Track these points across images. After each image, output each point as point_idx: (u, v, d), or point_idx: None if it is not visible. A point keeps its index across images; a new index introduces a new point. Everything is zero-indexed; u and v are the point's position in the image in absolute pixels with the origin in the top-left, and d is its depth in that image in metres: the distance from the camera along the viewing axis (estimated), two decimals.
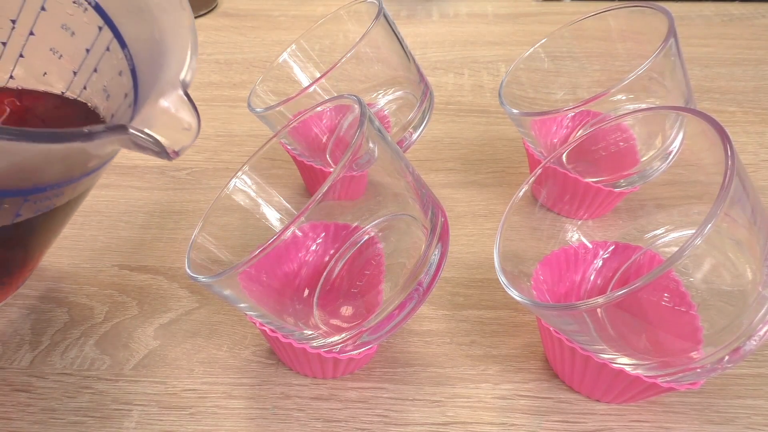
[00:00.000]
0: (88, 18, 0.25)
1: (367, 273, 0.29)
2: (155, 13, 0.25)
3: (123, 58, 0.26)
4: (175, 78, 0.23)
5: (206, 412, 0.27)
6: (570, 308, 0.22)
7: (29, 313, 0.33)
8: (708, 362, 0.23)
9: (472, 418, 0.27)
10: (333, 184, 0.21)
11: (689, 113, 0.24)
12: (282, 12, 0.67)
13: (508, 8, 0.66)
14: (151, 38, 0.25)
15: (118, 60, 0.26)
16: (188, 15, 0.25)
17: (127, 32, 0.25)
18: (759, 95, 0.49)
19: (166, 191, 0.41)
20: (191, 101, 0.23)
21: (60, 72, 0.27)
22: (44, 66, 0.27)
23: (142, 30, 0.25)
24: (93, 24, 0.25)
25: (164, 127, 0.22)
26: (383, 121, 0.40)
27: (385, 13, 0.35)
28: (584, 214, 0.32)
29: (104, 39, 0.26)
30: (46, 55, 0.27)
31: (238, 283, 0.23)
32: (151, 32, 0.25)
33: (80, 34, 0.26)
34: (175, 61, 0.24)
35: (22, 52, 0.26)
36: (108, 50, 0.26)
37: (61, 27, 0.26)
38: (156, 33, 0.25)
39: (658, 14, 0.33)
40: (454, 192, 0.40)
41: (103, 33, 0.25)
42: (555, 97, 0.41)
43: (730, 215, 0.20)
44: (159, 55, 0.25)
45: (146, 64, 0.25)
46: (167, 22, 0.25)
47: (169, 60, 0.24)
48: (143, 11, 0.25)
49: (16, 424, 0.27)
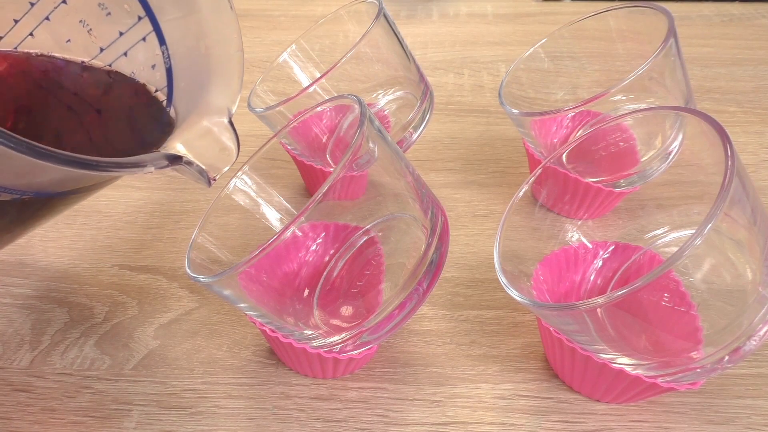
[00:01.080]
0: (130, 6, 0.25)
1: (367, 273, 0.29)
2: (204, 26, 0.25)
3: (159, 55, 0.26)
4: (223, 106, 0.24)
5: (206, 412, 0.27)
6: (570, 308, 0.22)
7: (29, 313, 0.33)
8: (708, 362, 0.23)
9: (472, 418, 0.27)
10: (333, 184, 0.21)
11: (689, 113, 0.24)
12: (282, 12, 0.67)
13: (508, 8, 0.67)
14: (195, 49, 0.25)
15: (153, 54, 0.26)
16: (238, 37, 0.25)
17: (170, 33, 0.25)
18: (759, 95, 0.49)
19: (166, 191, 0.41)
20: (235, 130, 0.24)
21: (85, 44, 0.26)
22: (69, 34, 0.26)
23: (187, 37, 0.25)
24: (133, 12, 0.25)
25: (205, 150, 0.23)
26: (383, 121, 0.40)
27: (385, 13, 0.35)
28: (584, 214, 0.32)
29: (142, 29, 0.25)
30: (75, 25, 0.26)
31: (238, 283, 0.23)
32: (197, 43, 0.25)
33: (117, 17, 0.26)
34: (222, 86, 0.25)
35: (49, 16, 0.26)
36: (144, 41, 0.26)
37: (98, 5, 0.26)
38: (203, 46, 0.25)
39: (658, 14, 0.33)
40: (454, 192, 0.40)
41: (143, 23, 0.25)
42: (555, 97, 0.41)
43: (730, 215, 0.20)
44: (204, 71, 0.25)
45: (187, 71, 0.26)
46: (216, 38, 0.25)
47: (215, 81, 0.25)
48: (191, 19, 0.25)
49: (16, 424, 0.27)
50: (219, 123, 0.24)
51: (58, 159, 0.17)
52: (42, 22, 0.25)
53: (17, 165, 0.17)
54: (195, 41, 0.25)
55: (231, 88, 0.25)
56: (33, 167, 0.17)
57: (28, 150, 0.16)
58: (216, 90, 0.25)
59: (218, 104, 0.25)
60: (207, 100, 0.25)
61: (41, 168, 0.17)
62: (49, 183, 0.20)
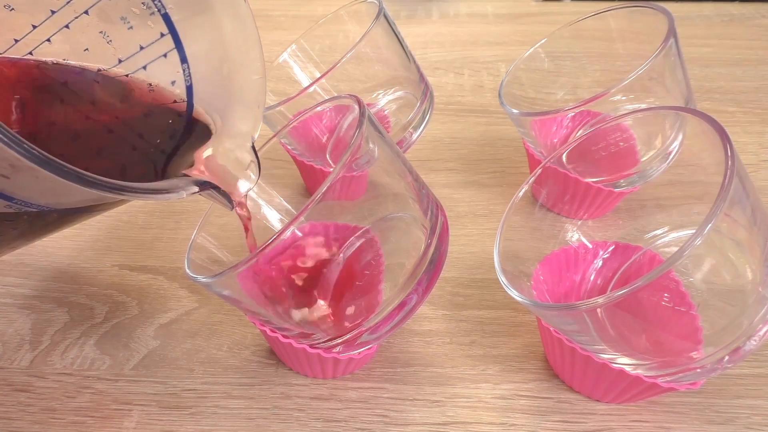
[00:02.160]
0: (153, 22, 0.25)
1: (366, 273, 0.29)
2: (230, 49, 0.25)
3: (180, 72, 0.26)
4: (246, 131, 0.25)
5: (206, 412, 0.27)
6: (570, 308, 0.22)
7: (29, 313, 0.33)
8: (708, 362, 0.23)
9: (472, 418, 0.27)
10: (332, 184, 0.21)
11: (689, 113, 0.24)
12: (282, 12, 0.67)
13: (508, 8, 0.67)
14: (218, 70, 0.26)
15: (173, 71, 0.26)
16: (262, 64, 0.26)
17: (193, 52, 0.26)
18: (759, 95, 0.49)
19: None
20: (257, 155, 0.25)
21: (103, 54, 0.26)
22: (88, 43, 0.26)
23: (211, 59, 0.26)
24: (156, 29, 0.25)
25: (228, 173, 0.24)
26: (383, 121, 0.40)
27: (386, 13, 0.35)
28: (584, 214, 0.32)
29: (163, 46, 0.26)
30: (95, 35, 0.26)
31: (237, 284, 0.23)
32: (220, 65, 0.26)
33: (139, 32, 0.26)
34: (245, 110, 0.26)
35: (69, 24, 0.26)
36: (164, 57, 0.26)
37: (121, 18, 0.26)
38: (225, 69, 0.25)
39: (658, 14, 0.33)
40: (454, 192, 0.40)
41: (164, 40, 0.25)
42: (555, 97, 0.41)
43: (730, 215, 0.20)
44: (226, 93, 0.26)
45: (207, 91, 0.26)
46: (240, 63, 0.25)
47: (237, 104, 0.26)
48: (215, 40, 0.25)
49: (16, 424, 0.27)
50: (242, 146, 0.25)
51: (103, 187, 0.17)
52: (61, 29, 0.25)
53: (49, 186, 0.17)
54: (218, 63, 0.26)
55: (253, 114, 0.26)
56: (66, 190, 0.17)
57: (77, 179, 0.16)
58: (238, 113, 0.26)
59: (241, 128, 0.25)
60: (229, 122, 0.25)
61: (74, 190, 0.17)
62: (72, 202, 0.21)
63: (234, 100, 0.26)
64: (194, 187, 0.22)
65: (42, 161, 0.15)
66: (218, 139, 0.25)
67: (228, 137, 0.25)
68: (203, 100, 0.26)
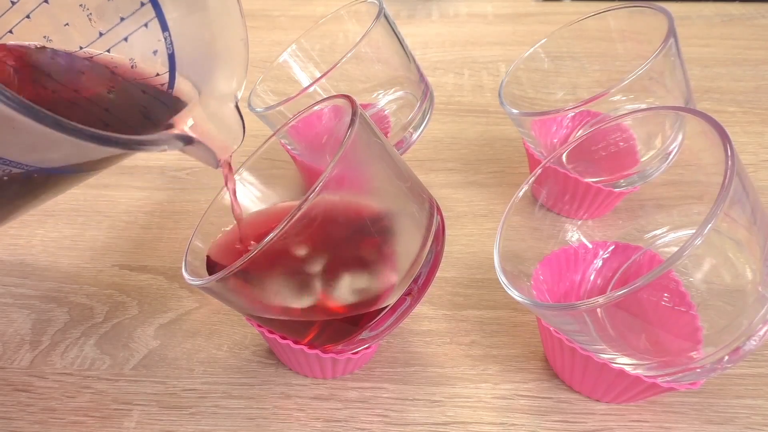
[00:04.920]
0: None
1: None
2: (210, 15, 0.25)
3: (162, 41, 0.26)
4: (229, 91, 0.25)
5: (206, 412, 0.27)
6: (570, 308, 0.22)
7: (29, 313, 0.33)
8: (708, 362, 0.23)
9: (472, 418, 0.27)
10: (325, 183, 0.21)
11: (689, 113, 0.24)
12: (282, 12, 0.67)
13: (508, 8, 0.67)
14: (199, 36, 0.26)
15: (155, 40, 0.26)
16: (243, 28, 0.26)
17: (173, 19, 0.26)
18: (759, 95, 0.49)
19: (166, 191, 0.41)
20: (240, 114, 0.25)
21: (84, 28, 0.26)
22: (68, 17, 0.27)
23: (191, 24, 0.26)
24: None
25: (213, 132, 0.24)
26: (383, 121, 0.40)
27: (386, 13, 0.35)
28: (584, 214, 0.32)
29: (144, 15, 0.26)
30: (75, 9, 0.26)
31: (234, 285, 0.23)
32: (201, 31, 0.26)
33: (118, 3, 0.26)
34: (228, 72, 0.26)
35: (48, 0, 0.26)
36: (146, 27, 0.26)
37: None
38: (207, 34, 0.25)
39: (658, 14, 0.33)
40: (454, 192, 0.40)
41: (145, 9, 0.25)
42: (555, 97, 0.41)
43: (730, 215, 0.20)
44: (208, 58, 0.26)
45: (190, 57, 0.26)
46: (221, 27, 0.26)
47: (221, 67, 0.26)
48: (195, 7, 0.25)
49: (16, 424, 0.27)
50: (225, 106, 0.25)
51: (84, 135, 0.17)
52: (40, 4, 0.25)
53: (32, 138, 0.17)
54: (199, 29, 0.26)
55: (237, 74, 0.26)
56: (49, 141, 0.17)
57: (54, 124, 0.16)
58: (221, 76, 0.26)
59: (224, 89, 0.25)
60: (212, 85, 0.25)
61: (57, 142, 0.17)
62: (57, 158, 0.20)
63: (217, 64, 0.26)
64: (179, 142, 0.22)
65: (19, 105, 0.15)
66: (204, 99, 0.25)
67: (212, 98, 0.25)
68: (186, 66, 0.26)
